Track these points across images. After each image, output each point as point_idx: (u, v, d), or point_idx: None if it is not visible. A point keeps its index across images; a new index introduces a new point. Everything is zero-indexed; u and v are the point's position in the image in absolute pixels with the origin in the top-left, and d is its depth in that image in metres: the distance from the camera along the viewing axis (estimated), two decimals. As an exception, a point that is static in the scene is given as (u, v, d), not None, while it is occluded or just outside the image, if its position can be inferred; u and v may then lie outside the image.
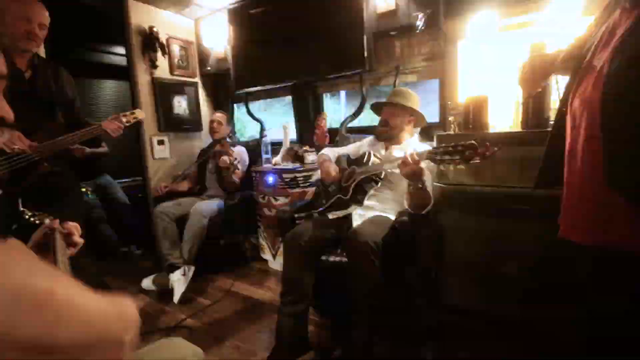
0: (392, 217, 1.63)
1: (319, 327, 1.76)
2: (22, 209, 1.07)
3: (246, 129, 4.26)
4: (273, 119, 4.56)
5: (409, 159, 1.29)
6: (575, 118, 0.84)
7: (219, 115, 2.64)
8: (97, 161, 3.15)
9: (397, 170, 1.54)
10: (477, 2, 1.53)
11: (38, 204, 1.51)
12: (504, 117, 1.81)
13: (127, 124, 1.75)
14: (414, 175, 1.32)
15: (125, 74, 3.77)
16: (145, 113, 2.10)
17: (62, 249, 0.80)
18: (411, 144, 1.75)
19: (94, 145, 2.46)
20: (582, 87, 0.82)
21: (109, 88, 4.17)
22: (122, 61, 3.88)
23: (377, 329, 1.41)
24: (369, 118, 3.05)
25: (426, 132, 2.17)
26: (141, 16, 2.64)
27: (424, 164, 1.31)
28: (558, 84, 1.22)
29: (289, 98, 2.95)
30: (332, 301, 1.81)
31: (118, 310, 0.33)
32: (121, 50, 3.85)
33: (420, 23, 1.87)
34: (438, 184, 1.58)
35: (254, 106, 3.01)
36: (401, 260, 1.63)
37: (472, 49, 1.90)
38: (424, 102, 1.79)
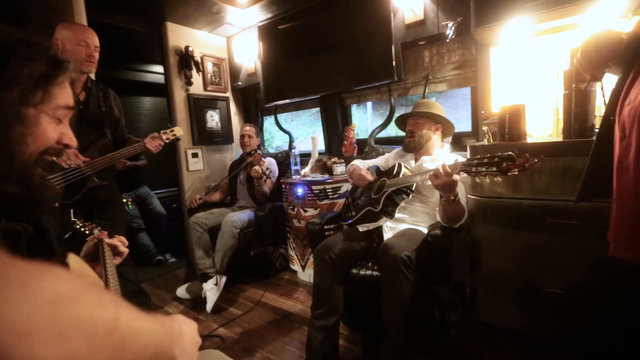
0: (424, 230, 1.59)
1: (349, 341, 1.73)
2: (73, 219, 1.16)
3: (274, 139, 4.35)
4: (300, 129, 4.63)
5: (441, 171, 1.26)
6: (625, 128, 0.78)
7: (248, 129, 2.72)
8: (137, 173, 3.35)
9: (429, 182, 1.51)
10: (510, 8, 1.49)
11: (88, 215, 1.63)
12: (541, 126, 1.73)
13: (167, 141, 1.85)
14: (446, 187, 1.29)
15: (161, 90, 4.01)
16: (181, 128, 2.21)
17: (109, 258, 0.86)
18: (442, 155, 1.71)
19: (133, 158, 2.61)
20: (633, 94, 0.77)
21: (147, 104, 4.44)
22: (158, 79, 4.14)
23: (409, 344, 1.36)
24: (397, 129, 3.03)
25: (458, 142, 2.12)
26: (178, 37, 2.80)
27: (457, 176, 1.27)
28: (603, 89, 1.15)
29: (315, 108, 2.99)
30: (363, 315, 1.79)
31: (167, 329, 0.35)
32: (157, 68, 4.11)
33: (450, 32, 1.85)
34: (472, 196, 1.52)
35: (281, 117, 3.08)
36: (434, 275, 1.59)
37: (505, 56, 1.84)
38: (454, 110, 1.75)
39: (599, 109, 1.37)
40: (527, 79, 1.77)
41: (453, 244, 1.58)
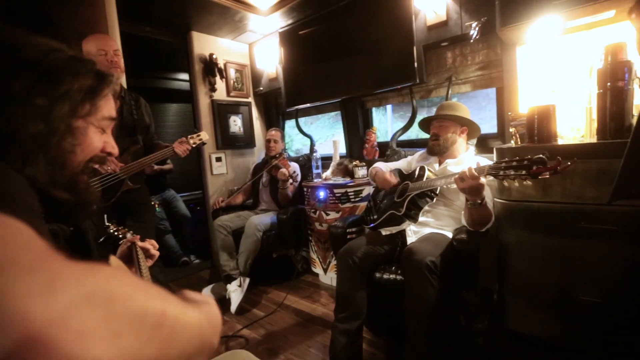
0: (449, 234, 1.56)
1: (373, 345, 1.72)
2: (107, 224, 1.22)
3: (292, 142, 4.39)
4: (318, 132, 4.65)
5: (467, 174, 1.23)
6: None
7: (274, 133, 2.76)
8: (163, 177, 3.47)
9: (454, 186, 1.48)
10: (539, 6, 1.44)
11: (121, 217, 1.71)
12: (573, 127, 1.66)
13: (194, 145, 1.92)
14: (473, 190, 1.27)
15: (186, 97, 4.15)
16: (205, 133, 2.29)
17: (142, 260, 0.90)
18: (467, 158, 1.68)
19: (160, 163, 2.72)
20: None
21: (173, 110, 4.60)
22: (183, 86, 4.29)
23: (433, 351, 1.34)
24: (419, 131, 2.99)
25: (482, 144, 2.07)
26: (203, 45, 2.90)
27: (484, 179, 1.25)
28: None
29: (334, 111, 3.00)
30: (386, 319, 1.77)
31: (209, 318, 0.36)
32: (182, 76, 4.27)
33: (474, 32, 1.81)
34: (499, 200, 1.48)
35: (301, 120, 3.11)
36: (460, 280, 1.56)
37: (532, 55, 1.78)
38: (477, 111, 1.71)
39: (637, 107, 1.31)
40: (557, 78, 1.71)
41: (479, 248, 1.55)
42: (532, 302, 1.40)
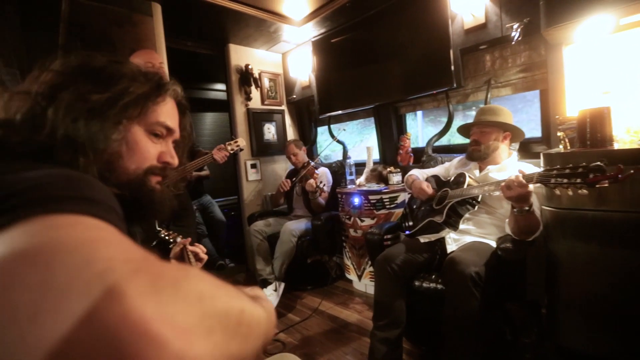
0: (492, 243, 1.50)
1: (411, 355, 1.68)
2: (158, 228, 1.29)
3: (321, 148, 4.42)
4: (347, 137, 4.65)
5: (515, 183, 1.19)
6: None
7: (291, 147, 2.74)
8: (200, 183, 3.62)
9: (497, 193, 1.43)
10: (589, 4, 1.37)
11: (165, 222, 1.81)
12: (629, 129, 1.55)
13: (232, 152, 2.00)
14: (520, 198, 1.22)
15: (221, 106, 4.31)
16: (242, 140, 2.37)
17: (193, 263, 0.95)
18: (510, 165, 1.61)
19: (198, 169, 2.84)
20: None
21: (208, 119, 4.80)
22: (218, 95, 4.47)
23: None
24: (455, 135, 2.92)
25: (524, 149, 1.99)
26: (239, 56, 3.02)
27: (531, 186, 1.20)
28: None
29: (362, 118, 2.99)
30: (425, 329, 1.73)
31: (269, 313, 0.37)
32: (217, 86, 4.44)
33: (516, 33, 1.76)
34: (547, 207, 1.41)
35: (332, 127, 3.14)
36: (505, 292, 1.49)
37: (581, 55, 1.70)
38: (513, 114, 1.65)
39: None
40: (609, 78, 1.61)
41: (527, 259, 1.48)
42: (587, 316, 1.32)
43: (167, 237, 1.22)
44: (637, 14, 1.41)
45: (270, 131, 3.28)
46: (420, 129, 4.16)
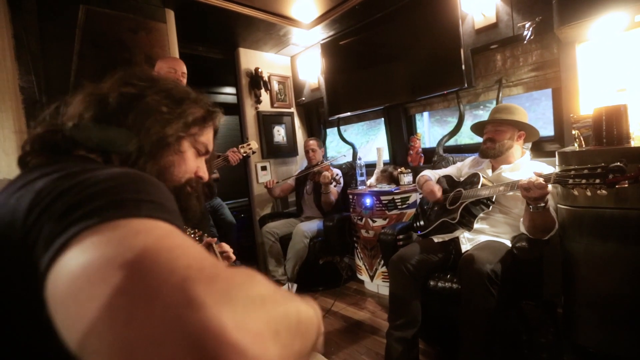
0: (507, 242, 1.50)
1: (426, 355, 1.68)
2: (184, 227, 1.32)
3: (327, 150, 4.44)
4: (353, 138, 4.67)
5: (534, 184, 1.19)
6: None
7: (312, 143, 2.83)
8: (211, 186, 3.67)
9: (511, 193, 1.44)
10: (603, 2, 1.37)
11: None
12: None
13: (244, 155, 2.02)
14: (538, 199, 1.22)
15: (230, 109, 4.33)
16: (252, 143, 2.40)
17: (221, 261, 0.97)
18: (524, 164, 1.61)
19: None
20: None
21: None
22: (228, 99, 4.51)
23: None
24: (462, 134, 2.91)
25: (536, 147, 1.98)
26: (249, 60, 3.05)
27: (550, 187, 1.20)
28: None
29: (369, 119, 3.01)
30: (440, 329, 1.73)
31: (317, 311, 0.39)
32: (226, 89, 4.49)
33: (527, 32, 1.76)
34: (563, 206, 1.41)
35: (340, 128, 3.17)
36: (521, 291, 1.49)
37: (595, 53, 1.69)
38: (528, 112, 1.64)
39: None
40: (625, 75, 1.60)
41: (543, 258, 1.47)
42: (605, 316, 1.31)
43: (193, 236, 1.24)
44: (652, 10, 1.40)
45: (280, 133, 3.31)
46: (426, 129, 4.15)
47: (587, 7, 1.42)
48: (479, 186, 1.56)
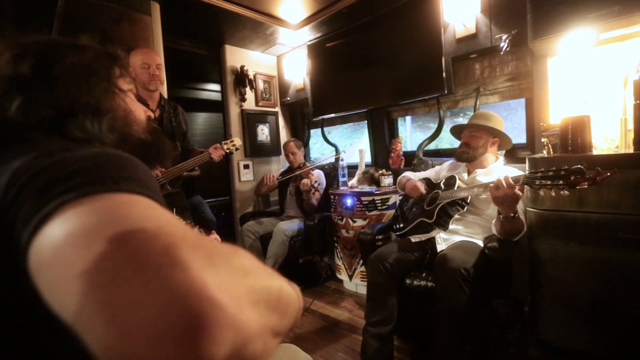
0: (480, 242, 1.57)
1: (401, 351, 1.73)
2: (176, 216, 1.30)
3: (311, 150, 4.48)
4: (337, 141, 4.73)
5: (504, 183, 1.25)
6: None
7: (291, 145, 2.80)
8: (191, 183, 3.61)
9: (484, 195, 1.51)
10: (572, 19, 1.47)
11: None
12: (607, 137, 1.66)
13: (227, 151, 2.02)
14: (507, 201, 1.28)
15: (213, 106, 4.30)
16: (235, 141, 2.39)
17: None
18: (497, 168, 1.69)
19: (189, 169, 2.84)
20: None
21: (200, 119, 4.78)
22: (212, 96, 4.46)
23: (463, 359, 1.34)
24: (443, 140, 3.01)
25: (510, 154, 2.08)
26: (234, 58, 3.04)
27: (520, 192, 1.26)
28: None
29: (353, 122, 3.06)
30: (415, 326, 1.78)
31: (298, 292, 0.40)
32: (210, 86, 4.44)
33: (504, 44, 1.85)
34: (532, 209, 1.49)
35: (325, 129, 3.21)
36: (491, 289, 1.56)
37: (564, 66, 1.80)
38: (505, 122, 1.73)
39: (676, 119, 1.30)
40: (589, 89, 1.71)
41: (512, 258, 1.55)
42: (567, 312, 1.40)
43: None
44: (615, 30, 1.51)
45: (263, 132, 3.31)
46: (409, 133, 4.25)
47: (558, 23, 1.52)
48: (455, 188, 1.63)
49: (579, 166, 1.03)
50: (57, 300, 0.24)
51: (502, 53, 1.92)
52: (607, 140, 1.63)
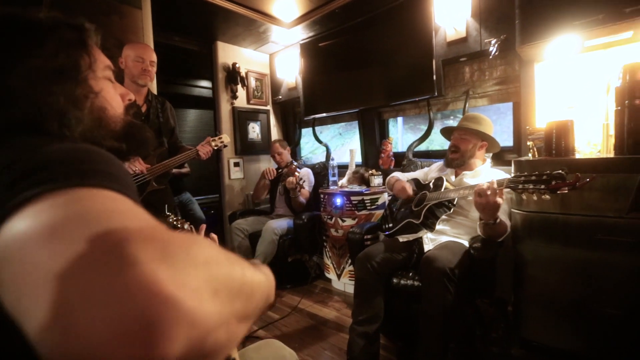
0: (466, 243, 1.60)
1: (387, 350, 1.74)
2: (167, 213, 1.28)
3: (302, 150, 4.48)
4: (328, 141, 4.74)
5: (485, 189, 1.28)
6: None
7: (277, 146, 2.81)
8: (181, 181, 3.57)
9: (471, 197, 1.53)
10: (558, 26, 1.50)
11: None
12: (589, 142, 1.70)
13: (216, 148, 2.00)
14: (488, 208, 1.30)
15: (204, 103, 4.26)
16: (226, 138, 2.38)
17: None
18: (484, 171, 1.72)
19: (178, 166, 2.81)
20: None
21: (191, 116, 4.74)
22: (203, 92, 4.42)
23: (447, 357, 1.36)
24: (434, 142, 3.04)
25: (498, 157, 2.11)
26: (227, 55, 3.02)
27: (500, 200, 1.29)
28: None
29: (345, 122, 3.08)
30: (401, 325, 1.80)
31: (269, 278, 0.41)
32: (203, 83, 4.40)
33: (493, 48, 1.88)
34: (517, 211, 1.52)
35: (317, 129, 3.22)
36: (476, 289, 1.58)
37: (550, 72, 1.84)
38: (495, 125, 1.76)
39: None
40: (574, 94, 1.76)
41: (496, 258, 1.58)
42: (549, 312, 1.43)
43: (175, 222, 1.21)
44: (599, 37, 1.55)
45: (254, 130, 3.29)
46: (400, 135, 4.28)
47: (545, 29, 1.55)
48: (443, 189, 1.65)
49: (560, 171, 1.05)
50: (7, 297, 0.24)
51: (491, 57, 1.95)
52: (590, 144, 1.67)
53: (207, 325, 0.23)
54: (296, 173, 2.51)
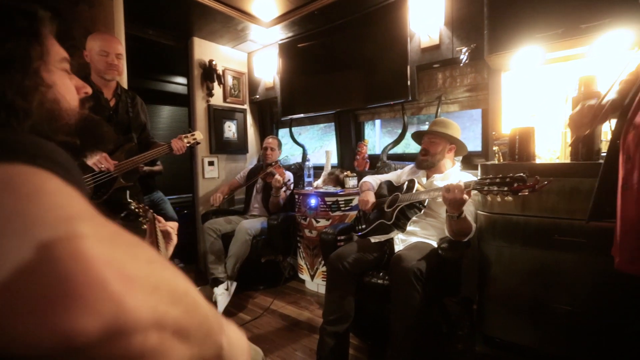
0: (434, 244, 1.64)
1: (357, 350, 1.76)
2: (129, 200, 1.22)
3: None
4: (307, 142, 4.76)
5: (454, 186, 1.32)
6: (630, 151, 0.86)
7: (272, 141, 2.82)
8: (152, 179, 3.46)
9: (440, 199, 1.58)
10: (522, 37, 1.59)
11: (113, 215, 1.72)
12: (549, 148, 1.81)
13: (188, 145, 1.95)
14: (454, 203, 1.35)
15: (179, 100, 4.15)
16: (200, 136, 2.33)
17: (161, 240, 0.92)
18: (453, 174, 1.78)
19: (150, 164, 2.72)
20: (638, 120, 0.85)
21: (165, 113, 4.60)
22: (178, 89, 4.31)
23: (415, 354, 1.40)
24: (410, 146, 3.12)
25: (467, 161, 2.19)
26: (203, 51, 2.96)
27: (466, 196, 1.34)
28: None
29: (324, 123, 3.10)
30: (372, 325, 1.83)
31: (216, 315, 0.36)
32: (178, 79, 4.29)
33: (464, 57, 1.96)
34: (482, 212, 1.58)
35: (293, 130, 3.21)
36: (443, 288, 1.63)
37: (516, 81, 1.94)
38: (462, 131, 1.83)
39: (605, 134, 1.45)
40: (537, 103, 1.86)
41: (462, 258, 1.63)
42: (510, 309, 1.49)
43: (137, 210, 1.15)
44: (560, 50, 1.65)
45: (230, 129, 3.24)
46: (377, 138, 4.34)
47: (510, 40, 1.63)
48: (414, 191, 1.69)
49: (521, 174, 1.11)
50: None
51: (462, 65, 2.03)
52: (549, 151, 1.77)
53: (136, 319, 0.22)
54: (285, 174, 2.49)
